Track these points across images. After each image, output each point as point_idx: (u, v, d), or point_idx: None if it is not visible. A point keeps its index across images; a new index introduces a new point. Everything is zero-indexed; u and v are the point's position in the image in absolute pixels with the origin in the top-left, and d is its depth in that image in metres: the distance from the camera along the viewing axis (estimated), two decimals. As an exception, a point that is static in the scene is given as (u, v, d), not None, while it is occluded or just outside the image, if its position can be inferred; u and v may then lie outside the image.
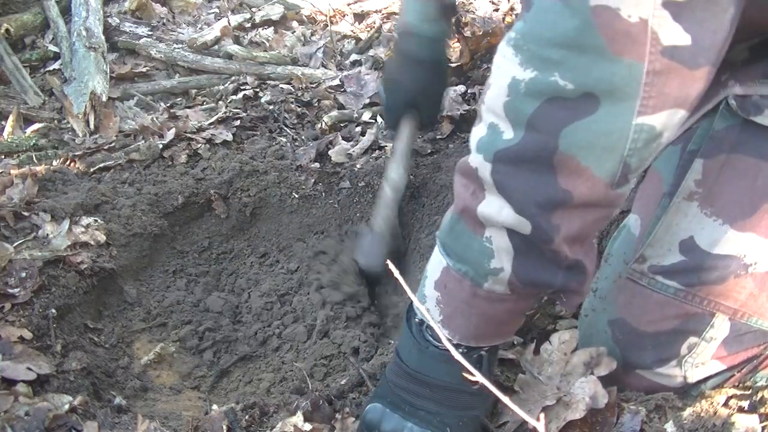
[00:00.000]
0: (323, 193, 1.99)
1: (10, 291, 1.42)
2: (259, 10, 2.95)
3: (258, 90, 2.37)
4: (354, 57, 2.68)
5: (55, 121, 2.25)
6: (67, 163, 1.95)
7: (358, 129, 2.20)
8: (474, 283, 1.01)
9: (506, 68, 0.89)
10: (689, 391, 1.20)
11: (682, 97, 0.85)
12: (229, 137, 2.08)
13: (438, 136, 2.13)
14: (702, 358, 1.17)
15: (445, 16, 1.61)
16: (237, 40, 2.74)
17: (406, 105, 1.59)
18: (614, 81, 0.82)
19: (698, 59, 0.82)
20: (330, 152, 2.06)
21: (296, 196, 1.97)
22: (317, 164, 2.02)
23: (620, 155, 0.87)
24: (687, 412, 1.10)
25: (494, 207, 0.94)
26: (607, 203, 0.93)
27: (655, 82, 0.82)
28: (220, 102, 2.32)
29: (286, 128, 2.19)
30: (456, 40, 2.58)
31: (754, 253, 1.10)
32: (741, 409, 1.10)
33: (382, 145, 2.08)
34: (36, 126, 2.21)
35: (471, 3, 2.85)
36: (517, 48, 0.88)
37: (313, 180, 1.99)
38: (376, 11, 2.97)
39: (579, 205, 0.91)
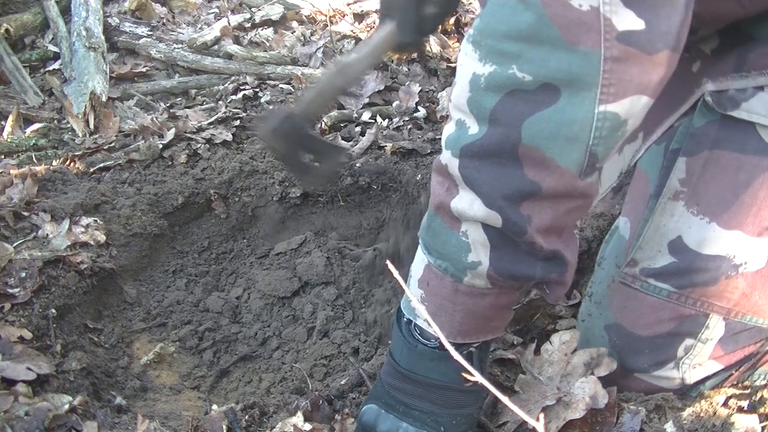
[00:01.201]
0: (323, 193, 1.99)
1: (10, 291, 1.42)
2: (259, 10, 2.95)
3: (258, 90, 2.37)
4: (354, 57, 2.68)
5: (55, 121, 2.24)
6: (67, 163, 1.95)
7: (358, 129, 2.20)
8: (454, 279, 1.01)
9: (467, 65, 0.90)
10: (688, 393, 1.20)
11: (643, 83, 0.85)
12: (229, 137, 2.08)
13: (438, 137, 2.13)
14: (699, 359, 1.17)
15: None
16: (237, 40, 2.74)
17: (385, 6, 1.42)
18: (572, 70, 0.83)
19: (656, 44, 0.82)
20: (330, 152, 2.06)
21: (296, 196, 1.97)
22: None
23: (585, 144, 0.87)
24: (687, 412, 1.10)
25: (466, 201, 0.94)
26: (578, 194, 0.93)
27: (614, 69, 0.82)
28: (220, 102, 2.31)
29: (285, 128, 2.18)
30: (456, 39, 2.59)
31: (743, 253, 1.10)
32: (740, 409, 1.10)
33: (382, 145, 2.08)
34: (36, 126, 2.21)
35: (471, 3, 2.85)
36: (475, 44, 0.89)
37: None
38: (375, 11, 2.97)
39: (548, 196, 0.91)
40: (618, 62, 0.82)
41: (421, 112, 2.27)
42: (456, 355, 0.67)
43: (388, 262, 0.79)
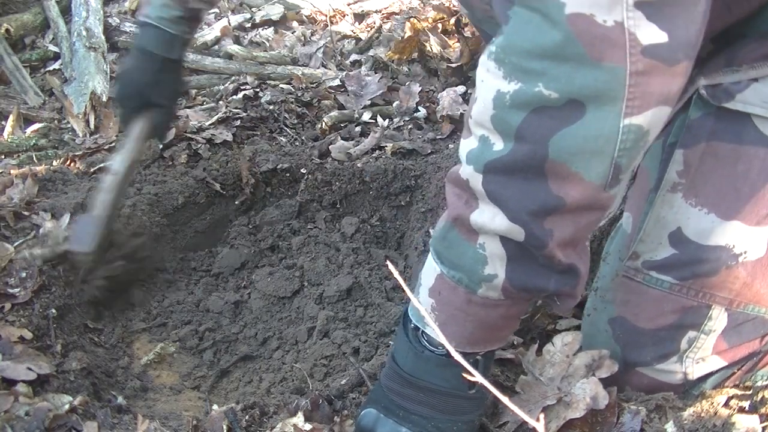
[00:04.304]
0: (322, 193, 1.99)
1: (11, 291, 1.42)
2: (259, 10, 2.95)
3: (258, 90, 2.37)
4: (354, 57, 2.68)
5: (55, 121, 2.25)
6: (67, 163, 1.95)
7: (358, 129, 2.20)
8: (468, 290, 1.01)
9: (490, 82, 0.90)
10: (690, 390, 1.21)
11: (665, 94, 0.86)
12: (230, 137, 2.08)
13: (438, 137, 2.13)
14: (703, 353, 1.18)
15: (188, 19, 1.51)
16: (237, 40, 2.74)
17: (137, 98, 1.51)
18: (598, 86, 0.83)
19: (677, 55, 0.83)
20: (330, 147, 2.06)
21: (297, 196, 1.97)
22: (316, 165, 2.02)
23: (610, 157, 0.88)
24: (687, 412, 1.10)
25: (487, 215, 0.94)
26: (599, 206, 0.93)
27: (638, 83, 0.83)
28: (221, 102, 2.31)
29: (286, 128, 2.19)
30: (456, 40, 2.59)
31: (742, 243, 1.11)
32: (741, 410, 1.10)
33: (382, 145, 2.08)
34: (36, 126, 2.21)
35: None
36: (498, 61, 0.89)
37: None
38: (376, 11, 2.97)
39: (572, 210, 0.91)
40: (642, 76, 0.83)
41: (422, 112, 2.27)
42: (458, 357, 0.67)
43: (388, 262, 0.79)
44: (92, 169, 1.92)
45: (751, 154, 1.09)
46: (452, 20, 2.65)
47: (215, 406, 1.30)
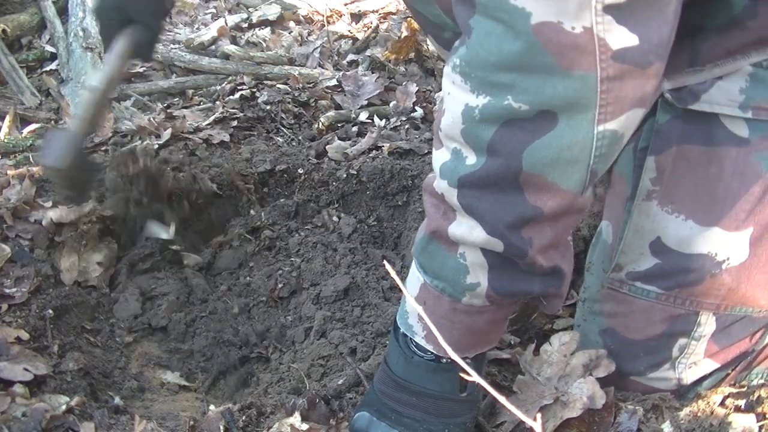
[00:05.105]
0: (322, 193, 1.99)
1: (7, 292, 1.42)
2: (256, 10, 2.95)
3: (255, 90, 2.37)
4: (351, 57, 2.68)
5: (52, 122, 2.24)
6: (64, 163, 1.95)
7: (355, 129, 2.20)
8: (452, 299, 1.01)
9: (458, 95, 0.88)
10: (685, 395, 1.20)
11: (639, 97, 0.84)
12: (226, 137, 2.08)
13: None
14: (694, 358, 1.17)
15: None
16: (234, 40, 2.73)
17: (114, 12, 1.43)
18: (569, 95, 0.81)
19: (649, 57, 0.81)
20: (327, 147, 2.06)
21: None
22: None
23: (586, 165, 0.87)
24: (684, 412, 1.10)
25: (465, 228, 0.93)
26: (577, 210, 0.93)
27: (611, 89, 0.81)
28: (217, 102, 2.31)
29: (283, 128, 2.19)
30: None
31: (724, 249, 1.09)
32: (738, 409, 1.10)
33: (379, 145, 2.08)
34: (33, 126, 2.20)
35: None
36: (464, 75, 0.86)
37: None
38: (373, 11, 2.97)
39: (549, 218, 0.90)
40: (614, 81, 0.81)
41: (419, 112, 2.27)
42: (464, 365, 0.67)
43: (385, 262, 0.78)
44: (89, 170, 1.92)
45: (722, 155, 1.07)
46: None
47: (212, 407, 1.30)
